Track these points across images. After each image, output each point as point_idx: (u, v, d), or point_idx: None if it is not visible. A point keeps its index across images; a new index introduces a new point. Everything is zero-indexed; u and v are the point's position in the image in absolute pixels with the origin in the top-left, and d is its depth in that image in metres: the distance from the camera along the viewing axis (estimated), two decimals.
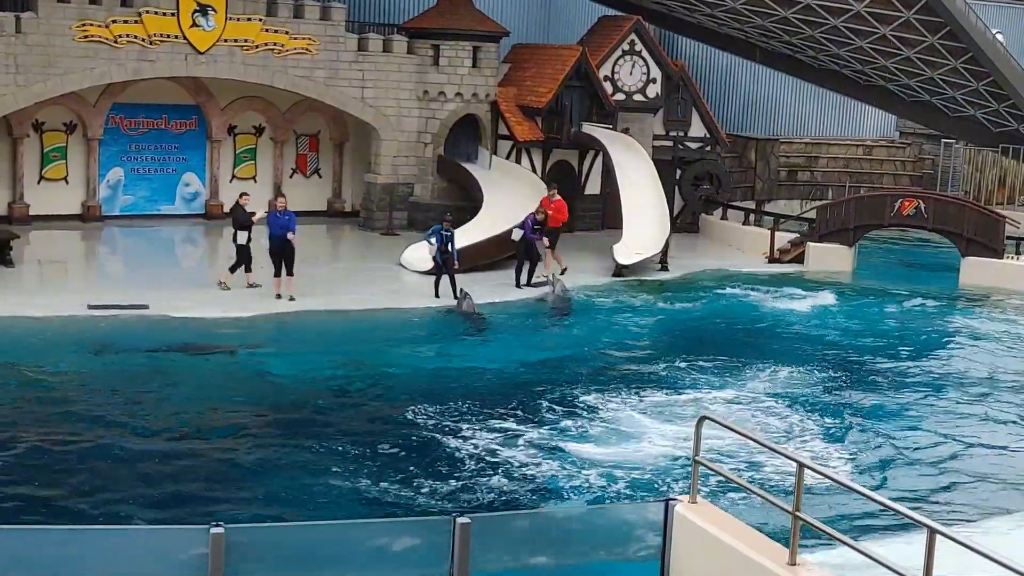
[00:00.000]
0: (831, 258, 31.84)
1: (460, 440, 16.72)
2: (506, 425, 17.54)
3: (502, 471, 15.63)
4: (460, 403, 18.33)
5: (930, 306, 28.02)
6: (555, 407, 18.50)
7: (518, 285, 26.78)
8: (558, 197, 28.57)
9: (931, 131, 41.59)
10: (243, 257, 24.51)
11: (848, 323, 26.02)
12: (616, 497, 14.79)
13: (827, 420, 18.56)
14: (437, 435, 16.90)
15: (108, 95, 31.03)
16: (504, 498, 14.68)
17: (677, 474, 15.59)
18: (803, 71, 38.47)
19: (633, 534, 10.33)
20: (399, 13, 36.60)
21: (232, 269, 24.63)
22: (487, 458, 16.09)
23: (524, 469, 15.74)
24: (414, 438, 16.80)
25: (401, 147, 33.09)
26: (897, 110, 39.75)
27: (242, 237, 24.38)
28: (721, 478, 12.26)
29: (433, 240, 25.25)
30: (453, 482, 15.16)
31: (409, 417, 17.64)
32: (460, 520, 9.58)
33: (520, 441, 16.80)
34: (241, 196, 25.01)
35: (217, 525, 9.19)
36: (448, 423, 17.42)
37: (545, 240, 27.14)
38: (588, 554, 10.19)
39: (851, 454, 17.09)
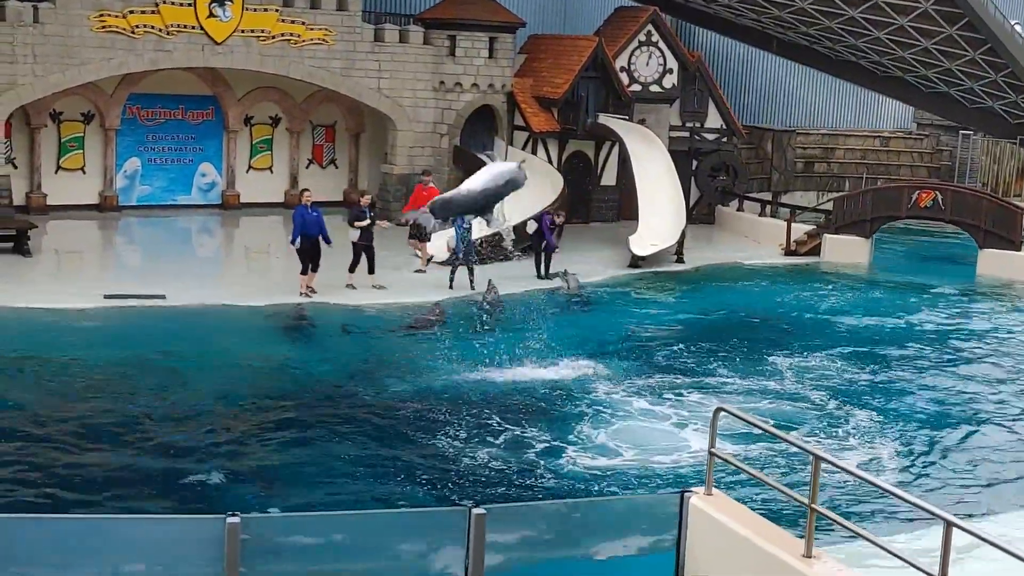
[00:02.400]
0: (848, 250, 31.76)
1: (479, 431, 16.74)
2: (523, 414, 17.56)
3: (518, 462, 15.64)
4: (477, 395, 18.38)
5: (949, 298, 27.92)
6: (571, 397, 18.50)
7: (539, 276, 26.80)
8: (431, 185, 27.33)
9: (949, 122, 41.42)
10: (358, 255, 24.58)
11: (866, 313, 25.92)
12: (632, 488, 14.78)
13: (845, 412, 18.51)
14: (460, 425, 16.91)
15: (125, 85, 31.11)
16: (519, 489, 14.68)
17: (693, 465, 15.57)
18: (820, 62, 38.32)
19: (648, 526, 10.33)
20: (415, 3, 36.59)
21: (351, 269, 24.56)
22: (504, 449, 16.09)
23: (540, 460, 15.74)
24: (436, 427, 16.83)
25: (417, 138, 33.11)
26: (915, 101, 39.58)
27: (354, 235, 24.54)
28: (738, 470, 12.21)
29: (454, 231, 25.28)
30: (469, 473, 15.18)
31: (420, 407, 17.68)
32: (475, 511, 9.59)
33: (535, 432, 16.81)
34: (362, 197, 25.53)
35: (233, 515, 9.22)
36: (468, 415, 17.44)
37: (530, 228, 27.12)
38: (603, 545, 10.19)
39: (869, 446, 17.04)
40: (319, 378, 18.98)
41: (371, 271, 24.64)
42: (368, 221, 24.49)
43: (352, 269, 24.50)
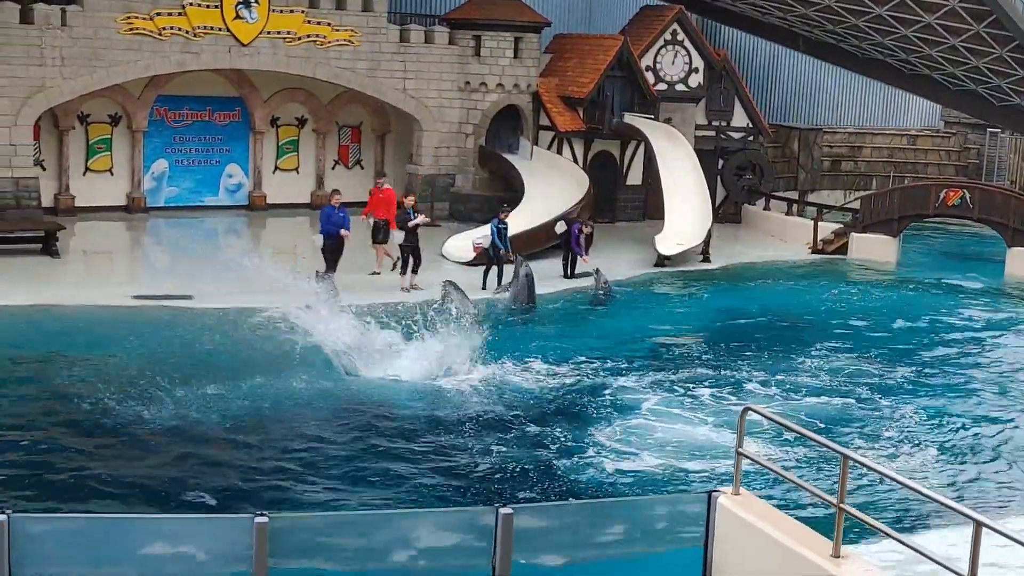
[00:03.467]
0: (875, 248, 31.64)
1: (503, 428, 16.76)
2: (554, 414, 17.57)
3: (543, 461, 15.64)
4: (513, 392, 18.43)
5: (977, 296, 27.78)
6: (598, 397, 18.49)
7: (566, 276, 26.80)
8: (387, 187, 26.49)
9: (976, 120, 41.17)
10: (406, 257, 24.67)
11: (895, 312, 25.80)
12: (660, 488, 14.76)
13: (875, 411, 18.44)
14: (487, 422, 16.94)
15: (152, 87, 31.27)
16: (545, 488, 14.68)
17: (722, 464, 15.54)
18: (847, 60, 38.14)
19: (676, 525, 10.32)
20: (441, 4, 36.64)
21: (402, 271, 24.67)
22: (527, 448, 16.11)
23: (566, 459, 15.74)
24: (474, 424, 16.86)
25: (443, 138, 33.15)
26: (942, 99, 39.32)
27: (399, 237, 24.70)
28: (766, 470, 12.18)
29: (488, 231, 25.28)
30: (496, 471, 15.20)
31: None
32: (503, 510, 9.60)
33: (564, 430, 16.81)
34: (406, 197, 25.56)
35: (261, 514, 9.26)
36: (503, 411, 17.47)
37: (558, 229, 27.06)
38: (631, 545, 10.18)
39: (899, 445, 16.97)
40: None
41: (415, 271, 24.71)
42: (416, 223, 24.67)
43: (403, 271, 24.60)
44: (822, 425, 17.38)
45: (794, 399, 18.88)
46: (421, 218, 25.03)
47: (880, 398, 19.21)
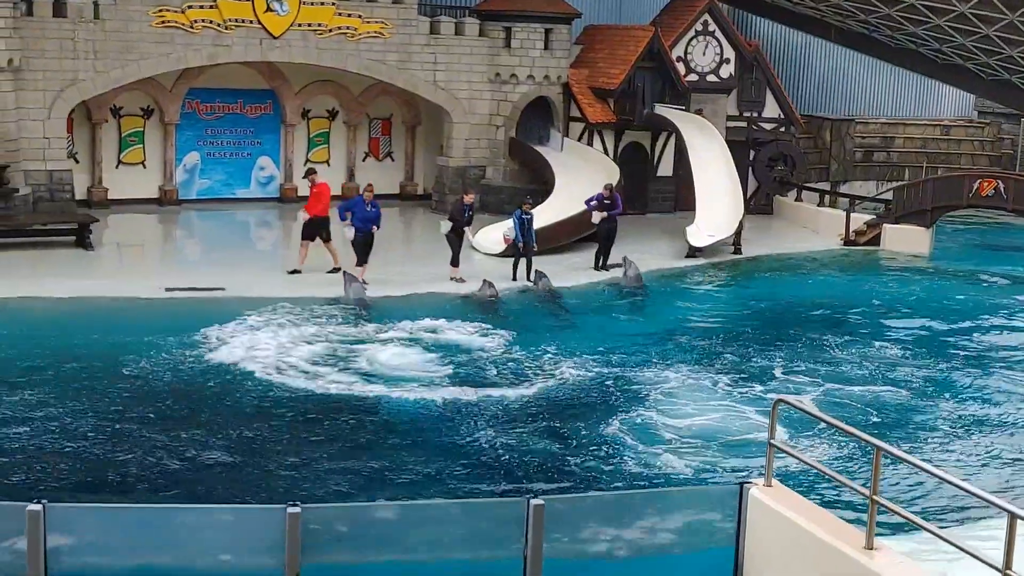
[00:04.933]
0: (908, 240, 31.43)
1: (535, 420, 16.78)
2: (581, 404, 17.57)
3: (581, 451, 15.64)
4: (540, 381, 18.48)
5: (1012, 288, 27.59)
6: (626, 388, 18.48)
7: (596, 267, 26.75)
8: (320, 181, 25.33)
9: (1010, 110, 40.80)
10: (456, 249, 24.92)
11: (929, 304, 25.64)
12: (691, 479, 14.75)
13: (910, 403, 18.36)
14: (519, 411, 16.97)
15: (184, 80, 31.41)
16: (579, 479, 14.69)
17: (754, 455, 15.51)
18: (879, 50, 37.89)
19: (708, 517, 10.30)
20: None
21: (453, 263, 24.87)
22: (558, 437, 16.11)
23: (600, 450, 15.74)
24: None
25: (473, 130, 33.14)
26: (976, 89, 39.03)
27: (445, 227, 25.09)
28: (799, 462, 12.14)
29: (512, 223, 25.29)
30: (529, 463, 15.22)
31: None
32: (534, 501, 9.61)
33: (591, 421, 16.81)
34: (467, 195, 25.73)
35: (294, 505, 9.29)
36: (544, 405, 17.49)
37: (595, 219, 26.93)
38: (662, 537, 10.17)
39: (933, 437, 16.89)
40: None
41: (454, 263, 24.98)
42: (464, 227, 24.98)
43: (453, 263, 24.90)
44: (856, 416, 17.30)
45: (827, 391, 18.79)
46: (468, 232, 25.35)
47: (916, 389, 19.11)
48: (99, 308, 21.42)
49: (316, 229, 24.75)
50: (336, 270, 24.36)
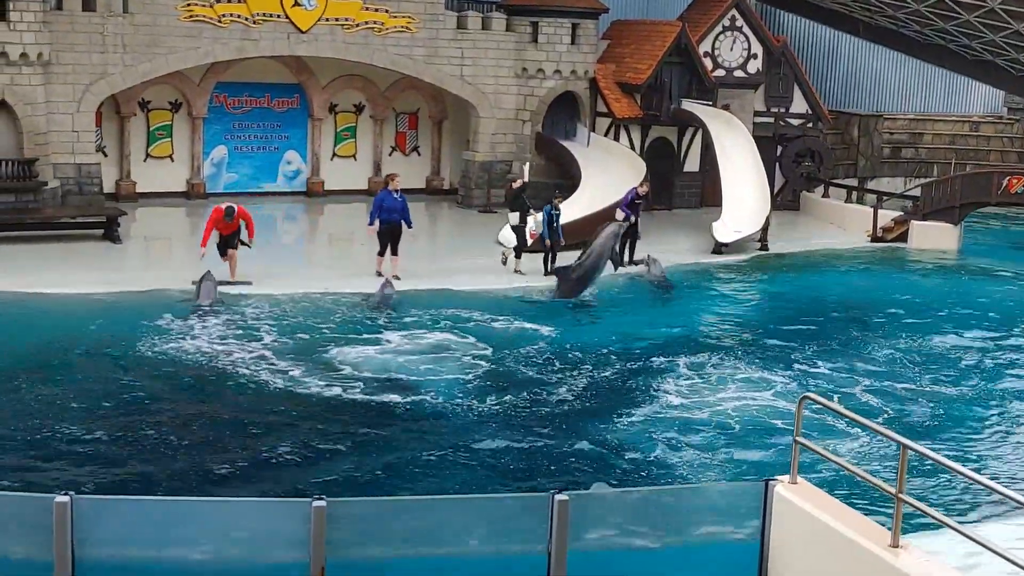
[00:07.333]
0: (936, 236, 31.27)
1: (560, 412, 16.77)
2: (611, 401, 17.56)
3: (601, 447, 15.64)
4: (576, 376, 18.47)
5: None
6: (658, 385, 18.45)
7: (620, 264, 26.65)
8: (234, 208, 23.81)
9: None
10: (522, 241, 25.41)
11: (957, 301, 25.48)
12: (717, 476, 14.72)
13: (938, 400, 18.26)
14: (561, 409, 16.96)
15: (212, 74, 31.52)
16: (602, 474, 14.68)
17: (778, 452, 15.46)
18: (908, 46, 37.69)
19: (732, 514, 10.28)
20: None
21: (517, 254, 25.37)
22: (585, 434, 16.11)
23: (626, 446, 15.73)
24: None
25: (499, 124, 33.15)
26: (1005, 85, 38.77)
27: (514, 219, 25.56)
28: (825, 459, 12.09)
29: (540, 218, 25.30)
30: (553, 457, 15.22)
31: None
32: (558, 497, 9.60)
33: (615, 416, 16.80)
34: (517, 181, 26.41)
35: (319, 498, 9.31)
36: (568, 397, 17.48)
37: (619, 216, 26.88)
38: (687, 534, 10.15)
39: (961, 434, 16.80)
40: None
41: (517, 256, 25.43)
42: (530, 228, 25.33)
43: (519, 255, 25.36)
44: (884, 413, 17.24)
45: (856, 387, 18.71)
46: (530, 234, 25.50)
47: (944, 387, 19.01)
48: (127, 301, 21.54)
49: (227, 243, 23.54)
50: None
